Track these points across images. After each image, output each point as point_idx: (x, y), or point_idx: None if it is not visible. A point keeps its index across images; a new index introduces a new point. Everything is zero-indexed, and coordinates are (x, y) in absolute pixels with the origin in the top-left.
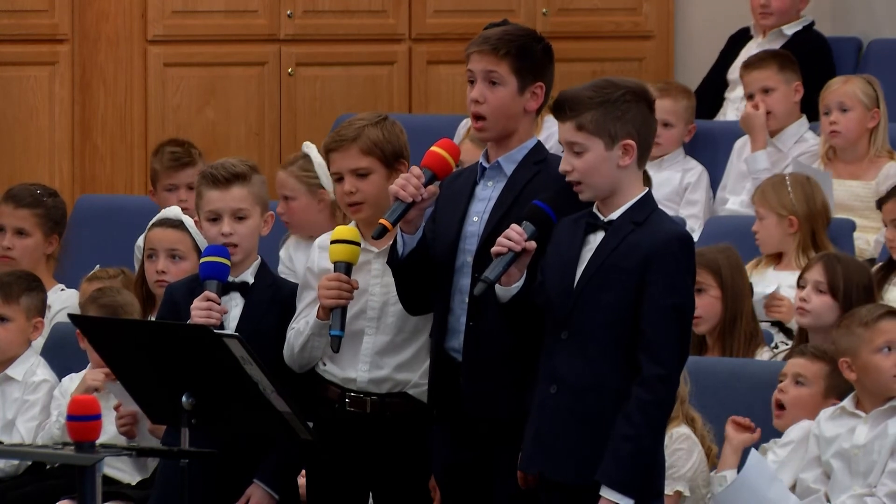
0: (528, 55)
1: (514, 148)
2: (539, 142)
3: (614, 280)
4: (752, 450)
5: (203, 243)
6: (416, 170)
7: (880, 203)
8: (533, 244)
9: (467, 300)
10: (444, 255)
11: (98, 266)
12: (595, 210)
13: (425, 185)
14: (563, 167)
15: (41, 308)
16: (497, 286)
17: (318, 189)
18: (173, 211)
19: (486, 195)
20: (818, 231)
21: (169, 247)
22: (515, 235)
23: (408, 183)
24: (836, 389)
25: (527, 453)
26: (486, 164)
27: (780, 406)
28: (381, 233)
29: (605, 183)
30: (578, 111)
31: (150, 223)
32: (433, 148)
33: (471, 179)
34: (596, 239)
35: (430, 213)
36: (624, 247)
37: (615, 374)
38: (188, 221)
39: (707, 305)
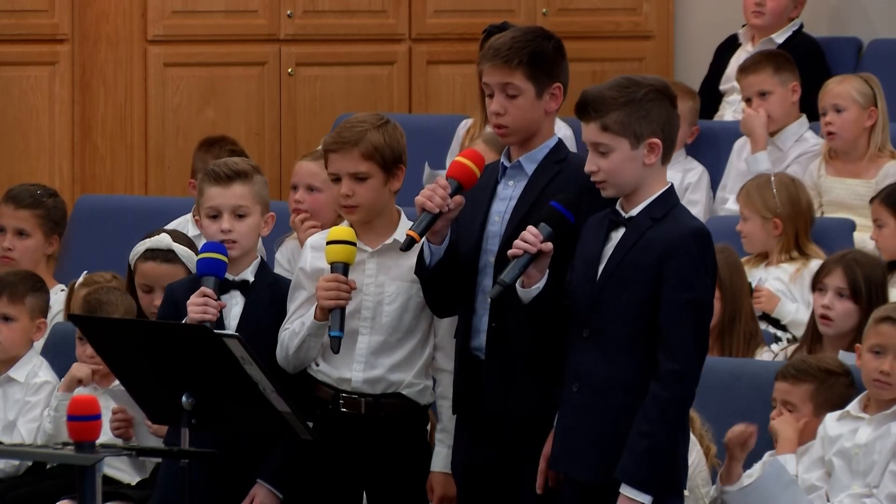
0: (540, 59)
1: (535, 147)
2: (560, 140)
3: (633, 277)
4: (776, 458)
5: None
6: (442, 181)
7: (871, 201)
8: (549, 245)
9: (489, 300)
10: (467, 256)
11: (85, 273)
12: (618, 207)
13: (451, 196)
14: (588, 167)
15: (44, 309)
16: (519, 288)
17: None
18: (164, 241)
19: (508, 194)
20: (801, 232)
21: (164, 284)
22: (531, 237)
23: (434, 194)
24: (827, 405)
25: (553, 452)
26: (507, 164)
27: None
28: (409, 244)
29: (631, 181)
30: (603, 112)
31: (142, 250)
32: (458, 158)
33: (492, 178)
34: (617, 236)
35: None
36: (642, 243)
37: (636, 371)
38: (179, 249)
39: None
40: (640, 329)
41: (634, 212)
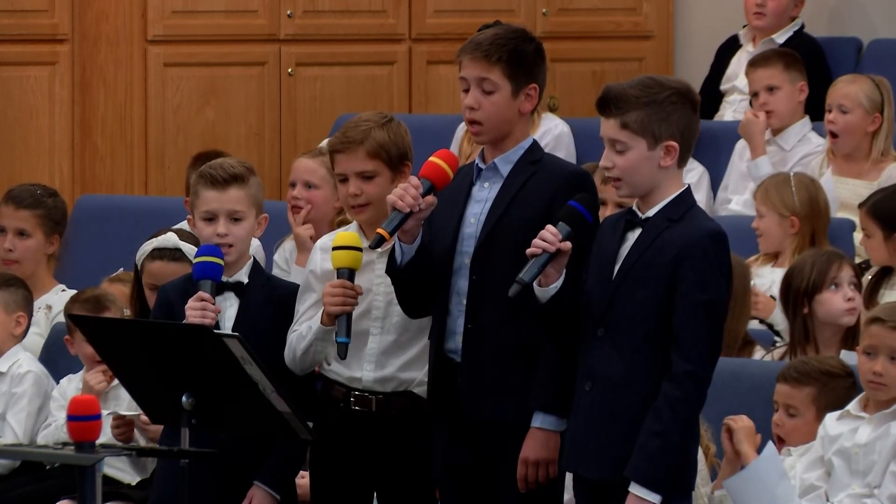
0: (519, 58)
1: (510, 148)
2: (535, 141)
3: (648, 277)
4: (769, 442)
5: None
6: (414, 180)
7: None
8: (568, 245)
9: (465, 302)
10: (442, 257)
11: (122, 269)
12: (634, 207)
13: (423, 196)
14: (603, 163)
15: (22, 303)
16: (536, 287)
17: None
18: (171, 239)
19: (483, 196)
20: (818, 232)
21: None
22: (550, 236)
23: (406, 193)
24: (829, 408)
25: (564, 450)
26: (482, 165)
27: (781, 439)
28: (379, 242)
29: (645, 182)
30: (624, 109)
31: (149, 250)
32: (431, 158)
33: (467, 180)
34: (634, 236)
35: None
36: (658, 243)
37: (649, 371)
38: (186, 248)
39: None
40: (654, 329)
41: (651, 212)
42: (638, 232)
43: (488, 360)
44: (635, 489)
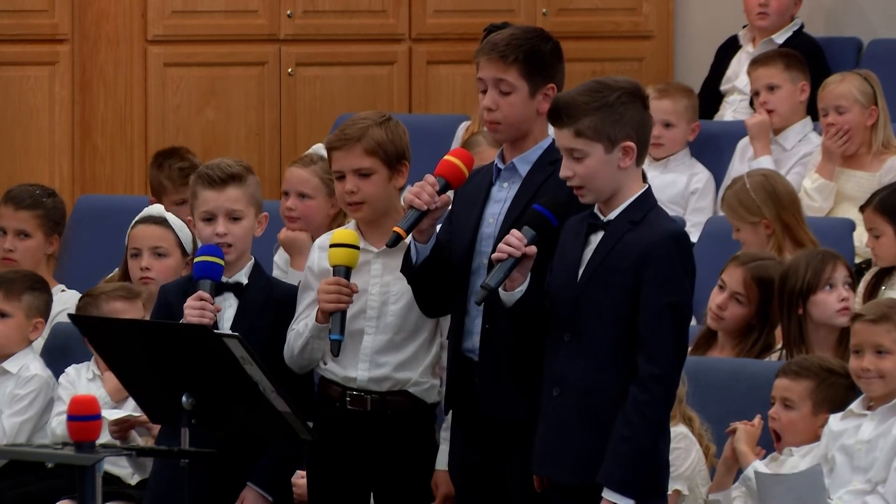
0: (536, 59)
1: (528, 148)
2: (553, 141)
3: (612, 281)
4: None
5: (187, 240)
6: (430, 178)
7: (862, 208)
8: (533, 249)
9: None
10: (461, 257)
11: (117, 269)
12: (596, 210)
13: (439, 194)
14: (563, 173)
15: (43, 309)
16: (501, 291)
17: (335, 194)
18: (157, 209)
19: (502, 196)
20: (792, 222)
21: (153, 244)
22: (515, 241)
23: (422, 191)
24: (826, 404)
25: (536, 456)
26: (501, 166)
27: (777, 435)
28: (396, 241)
29: (607, 186)
30: (575, 117)
31: (133, 221)
32: (447, 157)
33: (486, 181)
34: (596, 239)
35: (446, 215)
36: (620, 247)
37: (616, 375)
38: (171, 218)
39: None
40: (620, 332)
41: (612, 215)
42: (600, 235)
43: (505, 360)
44: (608, 495)
